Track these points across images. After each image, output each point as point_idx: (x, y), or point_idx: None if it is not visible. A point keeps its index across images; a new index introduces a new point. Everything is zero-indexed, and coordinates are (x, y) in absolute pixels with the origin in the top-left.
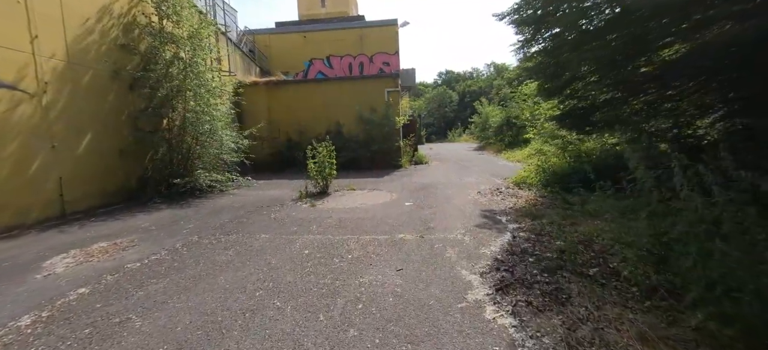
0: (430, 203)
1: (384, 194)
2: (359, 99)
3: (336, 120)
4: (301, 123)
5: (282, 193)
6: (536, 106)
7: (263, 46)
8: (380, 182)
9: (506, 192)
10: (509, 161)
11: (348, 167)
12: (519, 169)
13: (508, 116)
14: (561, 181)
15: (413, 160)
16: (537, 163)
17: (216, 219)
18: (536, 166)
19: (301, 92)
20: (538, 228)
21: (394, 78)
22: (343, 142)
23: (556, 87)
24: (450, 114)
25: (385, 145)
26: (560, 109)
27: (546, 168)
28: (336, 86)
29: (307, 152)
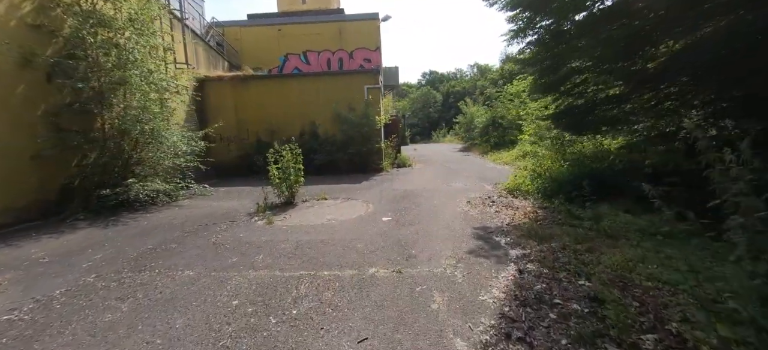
0: (412, 218)
1: (359, 205)
2: (337, 96)
3: (311, 119)
4: (272, 122)
5: (240, 205)
6: (523, 106)
7: (233, 40)
8: (357, 189)
9: (499, 201)
10: (497, 163)
11: (324, 171)
12: (509, 173)
13: (494, 116)
14: (561, 189)
15: (396, 163)
16: (531, 167)
17: (138, 244)
18: (530, 171)
19: (272, 88)
20: (548, 256)
21: (375, 74)
22: (319, 144)
23: (554, 82)
24: (434, 114)
25: (364, 147)
26: (554, 107)
27: (542, 173)
28: (311, 82)
29: (269, 156)
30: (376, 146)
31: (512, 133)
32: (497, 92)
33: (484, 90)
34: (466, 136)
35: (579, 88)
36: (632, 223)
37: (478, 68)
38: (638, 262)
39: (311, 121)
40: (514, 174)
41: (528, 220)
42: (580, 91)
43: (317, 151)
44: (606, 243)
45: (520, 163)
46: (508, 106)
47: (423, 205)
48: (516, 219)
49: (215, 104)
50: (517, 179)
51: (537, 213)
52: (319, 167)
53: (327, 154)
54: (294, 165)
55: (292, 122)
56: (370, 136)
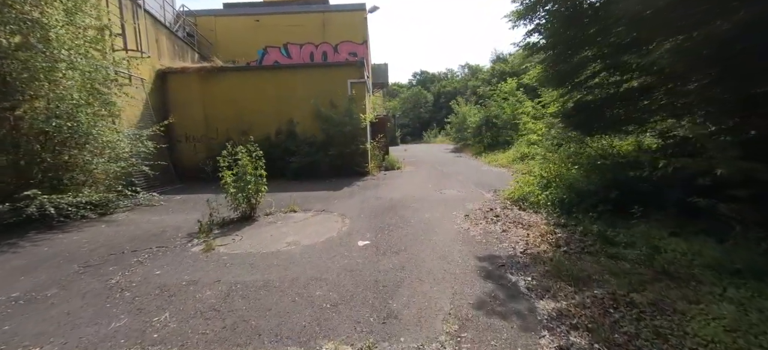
0: (397, 241)
1: (333, 221)
2: (317, 91)
3: (288, 117)
4: (244, 120)
5: (186, 220)
6: (519, 105)
7: (207, 31)
8: (335, 198)
9: (505, 215)
10: (492, 166)
11: (303, 175)
12: (508, 178)
13: (488, 116)
14: (582, 201)
15: (383, 165)
16: (538, 173)
17: (4, 288)
18: (538, 177)
19: (244, 82)
20: (599, 318)
21: (359, 67)
22: (297, 145)
23: (567, 71)
24: (425, 114)
25: (347, 148)
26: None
27: (552, 180)
28: (288, 75)
29: (220, 160)
30: (360, 147)
31: (507, 133)
32: (491, 90)
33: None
34: (457, 136)
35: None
36: (698, 255)
37: (469, 68)
38: (748, 334)
39: (289, 118)
40: (515, 179)
41: (548, 246)
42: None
43: (295, 152)
44: (673, 291)
45: (518, 166)
46: (503, 105)
47: (411, 221)
48: (531, 243)
49: (179, 100)
50: (522, 187)
51: (556, 233)
52: (297, 171)
53: (305, 156)
54: (253, 171)
55: (266, 120)
56: (353, 135)
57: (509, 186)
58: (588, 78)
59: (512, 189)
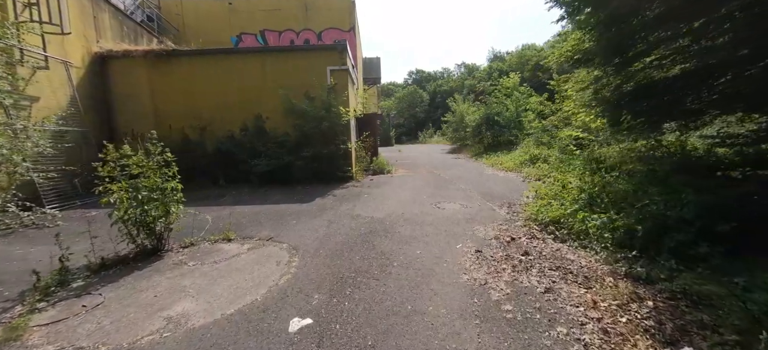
0: (362, 323)
1: (273, 262)
2: (289, 80)
3: (256, 111)
4: (203, 115)
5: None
6: (525, 101)
7: (172, 16)
8: (296, 216)
9: (538, 253)
10: (496, 169)
11: (272, 180)
12: (519, 184)
13: (488, 114)
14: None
15: (370, 169)
16: (576, 185)
17: None
18: (576, 191)
19: (202, 70)
20: None
21: (340, 51)
22: (266, 144)
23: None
24: (421, 114)
25: (325, 148)
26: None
27: (600, 195)
28: (255, 61)
29: (100, 169)
30: (341, 147)
31: (510, 133)
32: (491, 86)
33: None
34: (454, 136)
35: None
36: None
37: (466, 67)
38: None
39: (256, 113)
40: (534, 189)
41: (642, 336)
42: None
43: (262, 153)
44: None
45: (530, 171)
46: (505, 102)
47: (394, 264)
48: (609, 328)
49: (124, 90)
50: (550, 204)
51: (641, 299)
52: (264, 176)
53: (274, 158)
54: (156, 184)
55: (229, 115)
56: (333, 133)
57: (527, 199)
58: (657, 45)
59: (535, 205)
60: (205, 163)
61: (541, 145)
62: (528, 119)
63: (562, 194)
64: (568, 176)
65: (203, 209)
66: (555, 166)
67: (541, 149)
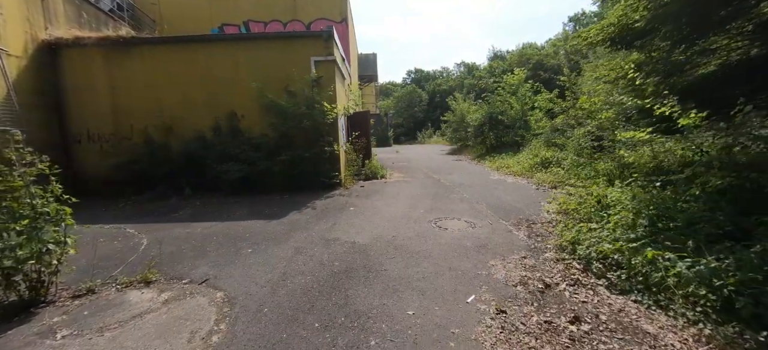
0: None
1: (178, 342)
2: (267, 72)
3: (229, 108)
4: (169, 113)
5: None
6: (531, 99)
7: (148, 5)
8: (253, 245)
9: (589, 313)
10: (503, 174)
11: (245, 189)
12: (532, 193)
13: (491, 112)
14: None
15: (362, 174)
16: (635, 207)
17: None
18: (630, 211)
19: (167, 60)
20: None
21: (326, 39)
22: (240, 146)
23: None
24: (420, 114)
25: (308, 151)
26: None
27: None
28: (227, 50)
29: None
30: (326, 149)
31: (515, 133)
32: (494, 83)
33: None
34: (454, 136)
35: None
36: None
37: (465, 66)
38: None
39: (229, 110)
40: (556, 203)
41: None
42: None
43: (235, 157)
44: None
45: (543, 176)
46: (510, 100)
47: (372, 342)
48: None
49: (77, 84)
50: (593, 233)
51: None
52: (237, 184)
53: (244, 163)
54: (28, 208)
55: (199, 113)
56: (317, 133)
57: (549, 215)
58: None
59: (567, 229)
60: (170, 168)
61: (552, 146)
62: (535, 118)
63: (596, 212)
64: (600, 186)
65: (148, 227)
66: (572, 172)
67: (552, 151)
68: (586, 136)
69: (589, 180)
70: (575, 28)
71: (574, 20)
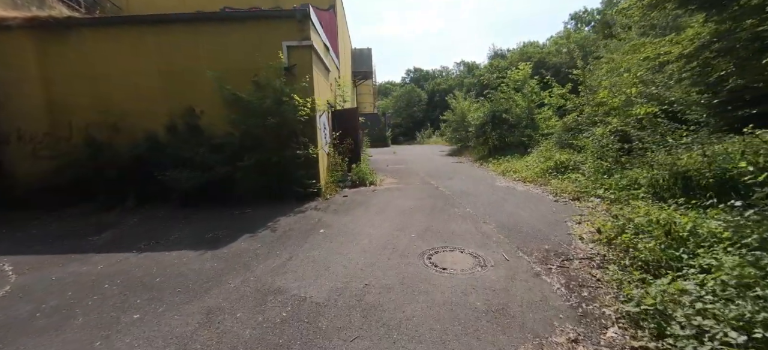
0: None
1: None
2: (232, 60)
3: (187, 102)
4: (115, 109)
5: None
6: (538, 96)
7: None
8: (149, 301)
9: None
10: (511, 180)
11: (204, 199)
12: (549, 205)
13: (494, 111)
14: None
15: (348, 180)
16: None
17: None
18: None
19: (113, 46)
20: None
21: (300, 20)
22: (197, 147)
23: None
24: (419, 114)
25: (277, 155)
26: None
27: None
28: (184, 34)
29: None
30: (299, 152)
31: (521, 133)
32: (498, 79)
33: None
34: (454, 136)
35: None
36: None
37: (465, 65)
38: None
39: (187, 106)
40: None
41: None
42: None
43: (191, 160)
44: None
45: (558, 184)
46: (515, 97)
47: None
48: None
49: (3, 76)
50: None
51: None
52: (193, 194)
53: (201, 170)
54: None
55: (151, 109)
56: (289, 133)
57: (587, 247)
58: None
59: (631, 284)
60: (116, 173)
61: (566, 147)
62: (544, 116)
63: (670, 250)
64: (649, 203)
65: (38, 261)
66: (597, 179)
67: (567, 154)
68: (610, 136)
69: (624, 191)
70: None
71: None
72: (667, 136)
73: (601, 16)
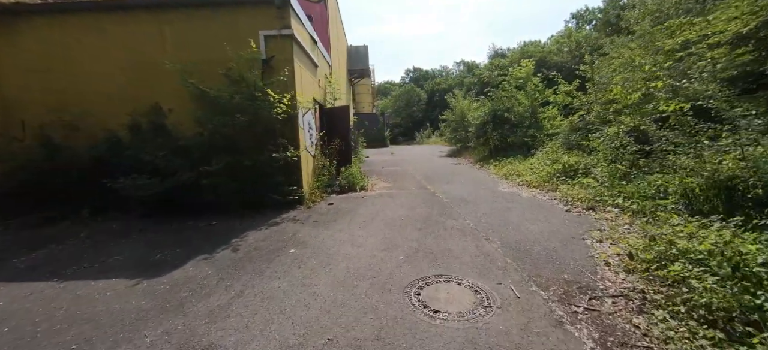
0: None
1: None
2: (202, 51)
3: (153, 99)
4: (73, 107)
5: None
6: (541, 94)
7: None
8: None
9: None
10: (514, 184)
11: (170, 208)
12: (561, 215)
13: (495, 110)
14: None
15: (335, 184)
16: None
17: None
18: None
19: (69, 36)
20: None
21: (280, 7)
22: (159, 150)
23: None
24: (418, 114)
25: (251, 158)
26: None
27: None
28: (150, 23)
29: None
30: (275, 156)
31: (524, 133)
32: (499, 76)
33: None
34: (453, 137)
35: None
36: None
37: (465, 65)
38: None
39: (153, 103)
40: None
41: None
42: None
43: (152, 164)
44: None
45: (568, 189)
46: (517, 96)
47: None
48: None
49: None
50: None
51: None
52: (155, 202)
53: (161, 175)
54: None
55: (112, 106)
56: (265, 131)
57: (618, 278)
58: None
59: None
60: (72, 179)
61: (574, 149)
62: (549, 115)
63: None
64: (683, 218)
65: None
66: (613, 186)
67: (575, 156)
68: (625, 136)
69: (648, 201)
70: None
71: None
72: (699, 136)
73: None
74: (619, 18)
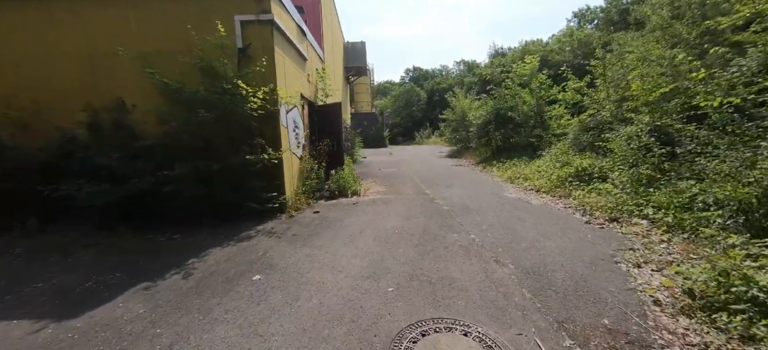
0: None
1: None
2: (170, 40)
3: (115, 93)
4: (25, 102)
5: None
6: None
7: None
8: None
9: None
10: (521, 188)
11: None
12: (585, 230)
13: (498, 109)
14: None
15: (324, 189)
16: None
17: None
18: None
19: (21, 22)
20: None
21: None
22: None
23: None
24: (418, 113)
25: (225, 161)
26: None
27: None
28: (113, 8)
29: None
30: (249, 158)
31: (528, 133)
32: (502, 73)
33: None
34: (454, 137)
35: None
36: None
37: (466, 64)
38: None
39: (115, 98)
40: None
41: None
42: None
43: (107, 167)
44: None
45: (583, 196)
46: (521, 94)
47: None
48: None
49: None
50: None
51: None
52: (112, 211)
53: (115, 182)
54: None
55: (69, 101)
56: (240, 129)
57: (677, 326)
58: None
59: None
60: (20, 184)
61: (585, 150)
62: (555, 114)
63: None
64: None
65: None
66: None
67: (588, 158)
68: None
69: (687, 213)
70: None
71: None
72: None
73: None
74: (627, 13)
